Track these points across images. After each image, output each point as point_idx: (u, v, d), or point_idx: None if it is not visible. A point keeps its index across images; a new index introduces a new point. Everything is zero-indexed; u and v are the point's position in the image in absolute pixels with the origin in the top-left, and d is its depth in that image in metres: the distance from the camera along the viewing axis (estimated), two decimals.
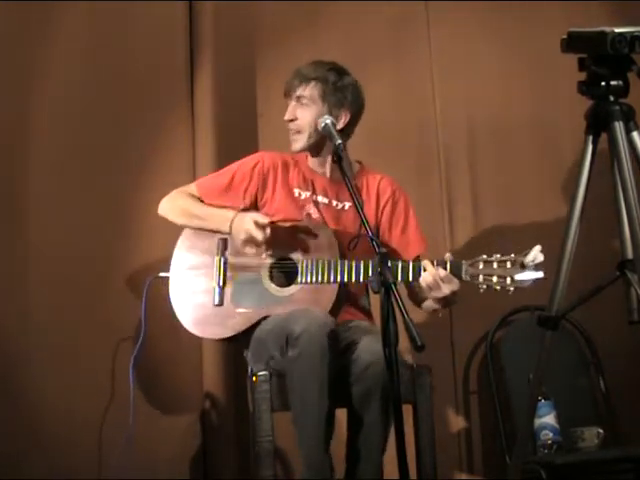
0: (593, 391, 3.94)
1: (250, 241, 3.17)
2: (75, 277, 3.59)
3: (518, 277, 2.99)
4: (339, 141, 3.04)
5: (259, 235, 3.14)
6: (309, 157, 3.36)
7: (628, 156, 2.53)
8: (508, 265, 3.00)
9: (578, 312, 2.94)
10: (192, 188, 3.37)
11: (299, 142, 3.28)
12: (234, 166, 3.37)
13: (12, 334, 3.47)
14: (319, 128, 3.18)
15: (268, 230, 3.15)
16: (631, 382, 3.95)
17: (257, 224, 3.15)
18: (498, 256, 3.03)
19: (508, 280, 3.00)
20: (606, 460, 3.62)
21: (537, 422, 3.65)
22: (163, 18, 3.87)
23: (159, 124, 3.84)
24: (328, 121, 3.15)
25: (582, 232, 2.59)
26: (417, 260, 3.20)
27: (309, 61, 3.33)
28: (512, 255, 3.02)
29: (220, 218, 3.25)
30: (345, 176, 2.98)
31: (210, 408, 3.75)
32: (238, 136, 3.91)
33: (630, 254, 2.58)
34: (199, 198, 3.33)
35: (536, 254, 2.97)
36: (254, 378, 3.12)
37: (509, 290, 3.01)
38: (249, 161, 3.35)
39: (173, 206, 3.34)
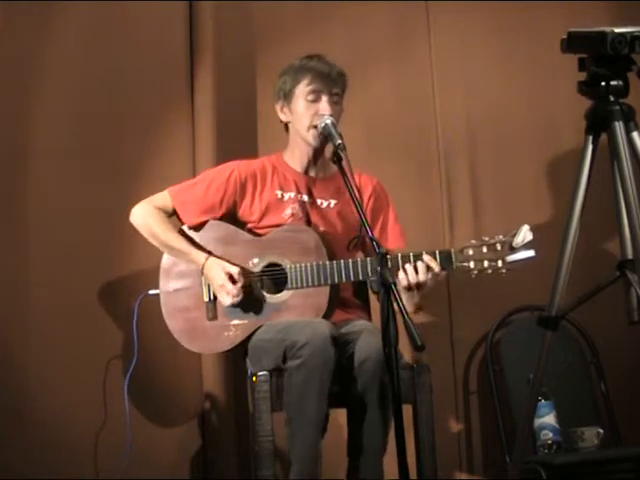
0: (593, 391, 3.94)
1: (224, 296, 3.14)
2: (73, 278, 3.59)
3: (509, 258, 2.99)
4: (339, 141, 3.04)
5: (234, 290, 3.12)
6: (289, 158, 3.33)
7: (628, 156, 2.54)
8: (498, 247, 3.00)
9: (578, 312, 2.93)
10: (166, 197, 3.29)
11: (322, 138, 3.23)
12: (209, 176, 3.33)
13: (12, 340, 3.47)
14: (319, 128, 3.18)
15: (240, 280, 3.13)
16: (631, 382, 3.95)
17: (230, 276, 3.13)
18: (486, 239, 3.02)
19: (499, 263, 3.00)
20: (606, 460, 3.62)
21: (537, 422, 3.65)
22: (163, 18, 3.87)
23: (159, 124, 3.83)
24: (328, 121, 3.14)
25: (582, 232, 2.60)
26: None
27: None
28: (500, 237, 3.01)
29: (189, 258, 3.21)
30: (345, 176, 2.98)
31: (210, 409, 3.75)
32: (238, 136, 3.91)
33: (630, 254, 2.58)
34: (173, 208, 3.27)
35: (525, 233, 2.96)
36: (254, 378, 3.11)
37: (502, 272, 3.00)
38: (224, 171, 3.31)
39: (145, 224, 3.27)
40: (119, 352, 3.61)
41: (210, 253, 3.21)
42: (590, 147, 2.60)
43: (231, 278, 3.12)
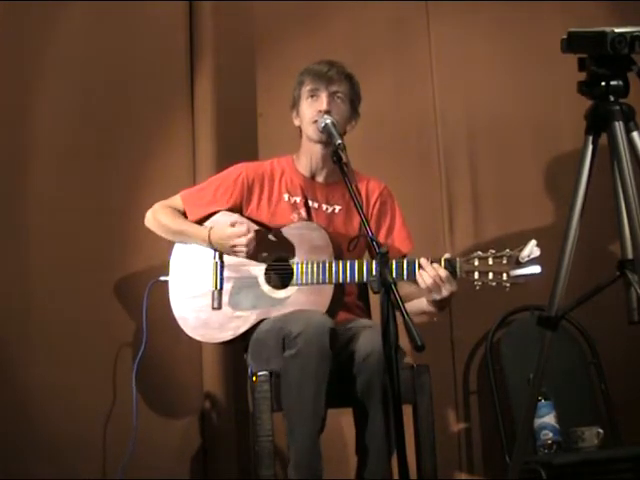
0: (593, 391, 3.94)
1: (238, 242, 3.16)
2: (76, 277, 3.59)
3: (514, 273, 2.95)
4: (339, 141, 3.04)
5: (242, 227, 3.15)
6: (298, 162, 3.35)
7: (628, 156, 2.54)
8: (504, 261, 2.97)
9: (578, 312, 2.93)
10: (177, 200, 3.36)
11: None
12: (217, 179, 3.37)
13: (13, 336, 3.47)
14: (319, 128, 3.18)
15: (246, 223, 3.18)
16: (631, 382, 3.95)
17: (233, 224, 3.18)
18: (493, 252, 3.00)
19: (504, 276, 2.97)
20: (606, 460, 3.62)
21: (537, 422, 3.65)
22: (163, 18, 3.87)
23: (159, 124, 3.83)
24: (328, 121, 3.15)
25: (582, 232, 2.59)
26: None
27: (310, 61, 3.34)
28: (507, 250, 2.99)
29: (196, 237, 3.26)
30: (345, 175, 2.98)
31: (210, 408, 3.75)
32: (238, 136, 3.91)
33: (630, 254, 2.58)
34: (184, 211, 3.33)
35: (531, 248, 2.94)
36: (254, 378, 3.12)
37: (506, 286, 2.99)
38: (231, 173, 3.35)
39: (155, 222, 3.35)
40: (128, 339, 3.61)
41: None
42: (590, 147, 2.59)
43: (235, 225, 3.17)
